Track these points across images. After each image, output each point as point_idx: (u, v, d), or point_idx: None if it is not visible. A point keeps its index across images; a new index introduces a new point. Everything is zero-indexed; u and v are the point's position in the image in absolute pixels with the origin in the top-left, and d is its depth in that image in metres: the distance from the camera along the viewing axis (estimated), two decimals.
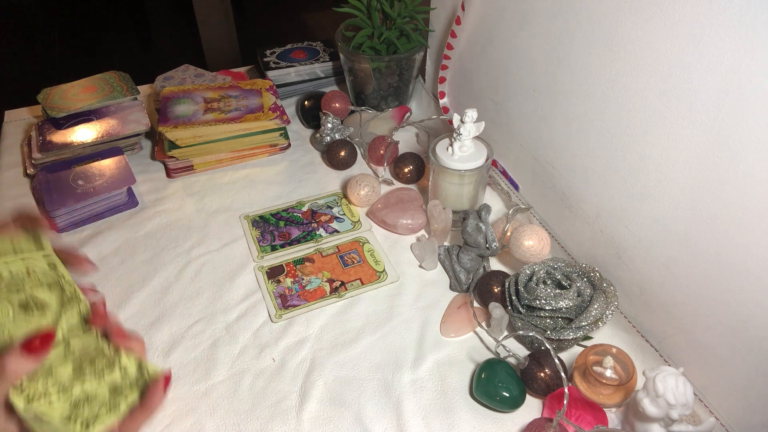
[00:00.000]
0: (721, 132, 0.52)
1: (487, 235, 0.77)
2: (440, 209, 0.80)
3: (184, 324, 0.74)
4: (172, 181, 0.97)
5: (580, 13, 0.65)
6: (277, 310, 0.75)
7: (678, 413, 0.54)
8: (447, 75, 1.01)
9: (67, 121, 0.99)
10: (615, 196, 0.68)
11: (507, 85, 0.84)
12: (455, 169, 0.78)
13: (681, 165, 0.57)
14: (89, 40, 2.75)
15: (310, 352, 0.71)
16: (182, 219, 0.89)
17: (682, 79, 0.54)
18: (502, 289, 0.73)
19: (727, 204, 0.53)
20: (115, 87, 1.05)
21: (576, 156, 0.73)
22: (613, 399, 0.62)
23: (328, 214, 0.90)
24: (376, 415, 0.64)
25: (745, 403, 0.57)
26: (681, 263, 0.60)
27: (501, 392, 0.63)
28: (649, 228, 0.64)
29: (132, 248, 0.84)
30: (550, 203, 0.81)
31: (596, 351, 0.65)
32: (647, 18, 0.56)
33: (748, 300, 0.54)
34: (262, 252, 0.83)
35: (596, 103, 0.66)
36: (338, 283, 0.79)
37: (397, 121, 1.05)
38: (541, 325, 0.68)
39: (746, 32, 0.47)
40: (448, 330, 0.73)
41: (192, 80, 1.10)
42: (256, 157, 1.01)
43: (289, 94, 1.16)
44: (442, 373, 0.68)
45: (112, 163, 0.92)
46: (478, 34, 0.88)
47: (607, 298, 0.68)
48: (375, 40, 1.01)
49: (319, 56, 1.18)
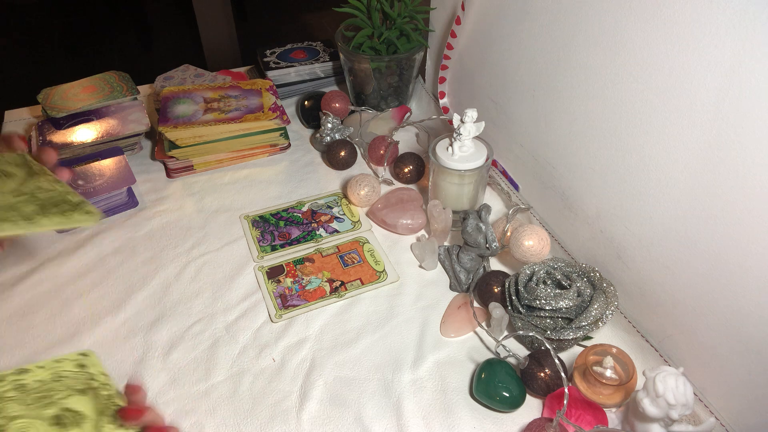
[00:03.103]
0: (721, 132, 0.52)
1: (487, 235, 0.77)
2: (440, 209, 0.80)
3: (184, 324, 0.74)
4: (172, 181, 0.97)
5: (580, 13, 0.65)
6: (277, 310, 0.75)
7: (678, 413, 0.54)
8: (447, 75, 1.01)
9: (67, 121, 0.99)
10: (615, 196, 0.68)
11: (507, 85, 0.84)
12: (455, 169, 0.78)
13: (681, 165, 0.57)
14: (89, 40, 2.75)
15: (310, 352, 0.71)
16: (182, 219, 0.89)
17: (682, 79, 0.54)
18: (502, 289, 0.73)
19: (727, 204, 0.53)
20: (115, 87, 1.05)
21: (576, 156, 0.73)
22: (613, 399, 0.62)
23: (328, 214, 0.90)
24: (376, 415, 0.64)
25: (745, 403, 0.57)
26: (681, 263, 0.60)
27: (501, 392, 0.63)
28: (649, 228, 0.64)
29: (132, 248, 0.84)
30: (550, 203, 0.81)
31: (596, 351, 0.65)
32: (647, 18, 0.56)
33: (748, 300, 0.54)
34: (262, 252, 0.83)
35: (596, 103, 0.66)
36: (338, 283, 0.79)
37: (397, 121, 1.05)
38: (541, 325, 0.68)
39: (746, 32, 0.47)
40: (448, 330, 0.73)
41: (192, 80, 1.10)
42: (256, 157, 1.01)
43: (289, 94, 1.16)
44: (442, 373, 0.68)
45: (112, 163, 0.92)
46: (478, 34, 0.88)
47: (607, 298, 0.68)
48: (375, 40, 1.01)
49: (319, 56, 1.18)
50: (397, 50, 1.01)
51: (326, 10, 2.80)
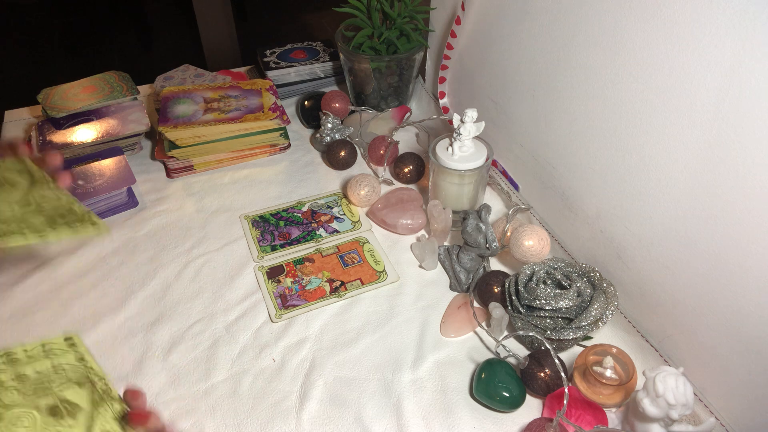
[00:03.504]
0: (721, 132, 0.52)
1: (487, 235, 0.77)
2: (440, 209, 0.80)
3: (184, 324, 0.74)
4: (172, 181, 0.97)
5: (580, 13, 0.65)
6: (277, 310, 0.75)
7: (678, 413, 0.54)
8: (447, 75, 1.01)
9: (67, 121, 0.99)
10: (615, 196, 0.68)
11: (507, 85, 0.84)
12: (455, 169, 0.78)
13: (681, 165, 0.57)
14: (89, 40, 2.75)
15: (310, 352, 0.71)
16: (182, 219, 0.89)
17: (682, 79, 0.54)
18: (502, 289, 0.73)
19: (727, 204, 0.53)
20: (115, 87, 1.05)
21: (576, 156, 0.73)
22: (613, 399, 0.62)
23: (328, 214, 0.90)
24: (376, 415, 0.64)
25: (745, 403, 0.57)
26: (681, 263, 0.60)
27: (501, 392, 0.63)
28: (649, 228, 0.64)
29: (132, 248, 0.84)
30: (550, 203, 0.81)
31: (596, 351, 0.65)
32: (647, 18, 0.56)
33: (748, 300, 0.54)
34: (262, 252, 0.83)
35: (596, 103, 0.66)
36: (338, 283, 0.79)
37: (397, 121, 1.05)
38: (541, 325, 0.68)
39: (746, 32, 0.47)
40: (448, 330, 0.73)
41: (192, 80, 1.10)
42: (256, 157, 1.01)
43: (289, 94, 1.16)
44: (442, 373, 0.68)
45: (112, 163, 0.92)
46: (478, 34, 0.88)
47: (607, 298, 0.68)
48: (375, 40, 1.01)
49: (319, 56, 1.18)
50: (397, 50, 1.01)
51: (326, 10, 2.80)
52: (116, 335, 0.72)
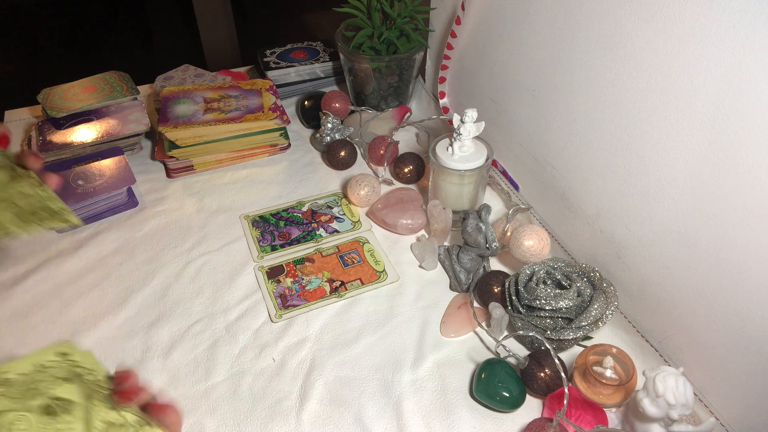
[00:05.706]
0: (721, 132, 0.52)
1: (487, 235, 0.77)
2: (440, 209, 0.80)
3: (184, 324, 0.74)
4: (172, 181, 0.97)
5: (580, 13, 0.65)
6: (277, 310, 0.75)
7: (678, 413, 0.54)
8: (447, 75, 1.01)
9: (67, 121, 0.99)
10: (615, 196, 0.68)
11: (507, 85, 0.84)
12: (455, 169, 0.78)
13: (681, 165, 0.57)
14: (89, 40, 2.75)
15: (310, 352, 0.71)
16: (182, 219, 0.89)
17: (682, 79, 0.54)
18: (502, 289, 0.73)
19: (727, 204, 0.53)
20: (115, 87, 1.05)
21: (576, 156, 0.73)
22: (613, 399, 0.62)
23: (328, 214, 0.90)
24: (376, 415, 0.64)
25: (745, 403, 0.57)
26: (681, 263, 0.60)
27: (501, 392, 0.63)
28: (649, 228, 0.64)
29: (132, 248, 0.84)
30: (550, 203, 0.81)
31: (596, 351, 0.65)
32: (647, 18, 0.56)
33: (748, 300, 0.54)
34: (262, 252, 0.83)
35: (596, 103, 0.66)
36: (338, 283, 0.79)
37: (397, 121, 1.05)
38: (541, 325, 0.68)
39: (746, 32, 0.47)
40: (448, 330, 0.73)
41: (192, 80, 1.10)
42: (256, 157, 1.01)
43: (289, 94, 1.16)
44: (442, 373, 0.68)
45: (112, 163, 0.92)
46: (478, 34, 0.88)
47: (607, 298, 0.68)
48: (375, 40, 1.01)
49: (319, 56, 1.18)
50: (397, 50, 1.01)
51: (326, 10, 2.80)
52: (116, 335, 0.72)
